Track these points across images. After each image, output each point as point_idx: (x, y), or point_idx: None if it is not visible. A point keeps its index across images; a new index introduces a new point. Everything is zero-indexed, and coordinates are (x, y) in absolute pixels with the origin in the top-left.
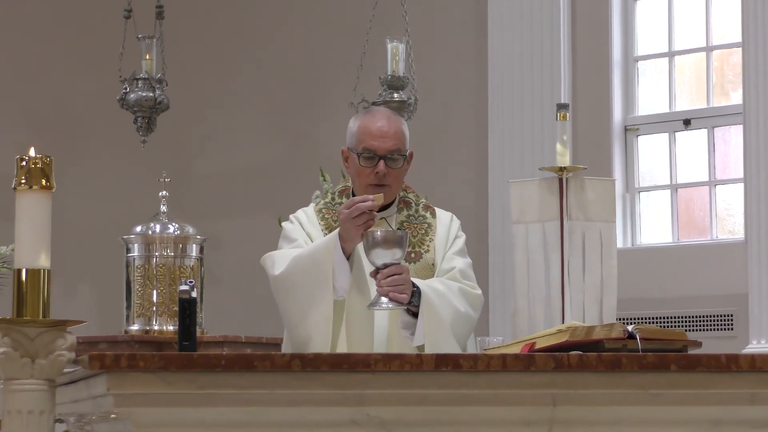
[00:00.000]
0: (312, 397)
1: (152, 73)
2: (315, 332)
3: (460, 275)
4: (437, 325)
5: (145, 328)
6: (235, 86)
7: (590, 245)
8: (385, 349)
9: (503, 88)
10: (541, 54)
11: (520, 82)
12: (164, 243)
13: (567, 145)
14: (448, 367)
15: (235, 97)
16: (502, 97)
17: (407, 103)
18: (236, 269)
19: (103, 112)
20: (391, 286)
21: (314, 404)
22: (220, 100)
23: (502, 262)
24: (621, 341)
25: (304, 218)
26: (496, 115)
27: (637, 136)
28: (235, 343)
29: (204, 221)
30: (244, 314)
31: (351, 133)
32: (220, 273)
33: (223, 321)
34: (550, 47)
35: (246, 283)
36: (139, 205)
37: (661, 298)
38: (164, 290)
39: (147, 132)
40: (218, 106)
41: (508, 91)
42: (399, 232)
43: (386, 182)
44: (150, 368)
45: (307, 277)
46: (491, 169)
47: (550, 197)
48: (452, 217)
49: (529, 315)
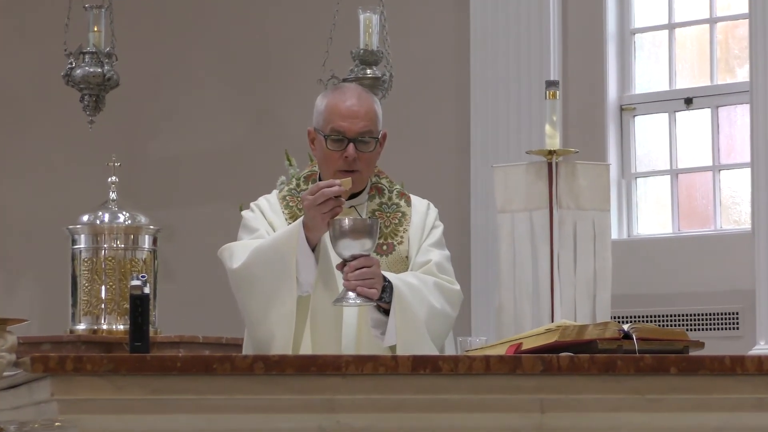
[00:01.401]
0: (277, 403)
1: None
2: (277, 331)
3: (436, 269)
4: (410, 324)
5: (93, 328)
6: (192, 61)
7: (582, 236)
8: (354, 350)
9: (486, 64)
10: (528, 26)
11: (506, 56)
12: (114, 234)
13: (557, 126)
14: (426, 370)
15: (191, 73)
16: (485, 73)
17: (381, 80)
18: (193, 262)
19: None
20: (359, 280)
21: (279, 411)
22: (176, 76)
23: (485, 255)
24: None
25: (266, 206)
26: (479, 94)
27: (634, 117)
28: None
29: (158, 210)
30: (202, 312)
31: (318, 113)
32: (176, 266)
33: (179, 320)
34: (539, 18)
35: (204, 278)
36: (86, 192)
37: (660, 294)
38: (114, 286)
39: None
40: (173, 82)
41: (491, 66)
42: (369, 220)
43: (356, 167)
44: (98, 371)
45: (269, 271)
46: (473, 152)
47: (538, 184)
48: (429, 205)
49: (514, 313)
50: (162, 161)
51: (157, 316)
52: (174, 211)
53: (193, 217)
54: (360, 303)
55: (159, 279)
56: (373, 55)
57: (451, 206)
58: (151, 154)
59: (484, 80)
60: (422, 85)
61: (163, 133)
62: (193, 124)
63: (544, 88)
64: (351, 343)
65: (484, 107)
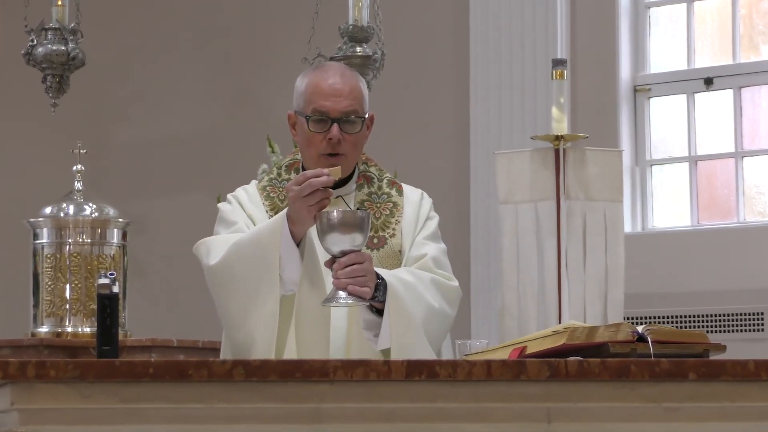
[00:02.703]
0: (259, 413)
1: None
2: (259, 334)
3: (432, 264)
4: (406, 325)
5: (57, 330)
6: (165, 37)
7: (592, 229)
8: (343, 354)
9: (488, 41)
10: None
11: (508, 32)
12: (79, 227)
13: (564, 109)
14: (421, 376)
15: (164, 51)
16: (486, 51)
17: (372, 59)
18: (166, 259)
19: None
20: (350, 278)
21: (261, 421)
22: (147, 54)
23: (486, 250)
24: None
25: (245, 198)
26: (480, 73)
27: (649, 99)
28: (165, 348)
29: (127, 201)
30: (176, 313)
31: (298, 93)
32: (147, 263)
33: (151, 321)
34: None
35: (178, 276)
36: (49, 181)
37: (678, 293)
38: (79, 284)
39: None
40: (144, 61)
41: (493, 44)
42: (360, 212)
43: (341, 150)
44: (63, 378)
45: (249, 268)
46: (473, 138)
47: (543, 172)
48: (423, 194)
49: (518, 313)
50: (132, 148)
51: (126, 318)
52: (145, 203)
53: (166, 209)
54: (351, 303)
55: (129, 277)
56: (364, 31)
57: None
58: (120, 140)
59: (485, 59)
60: (417, 64)
61: (133, 117)
62: (165, 107)
63: (551, 68)
64: (340, 346)
65: (484, 88)
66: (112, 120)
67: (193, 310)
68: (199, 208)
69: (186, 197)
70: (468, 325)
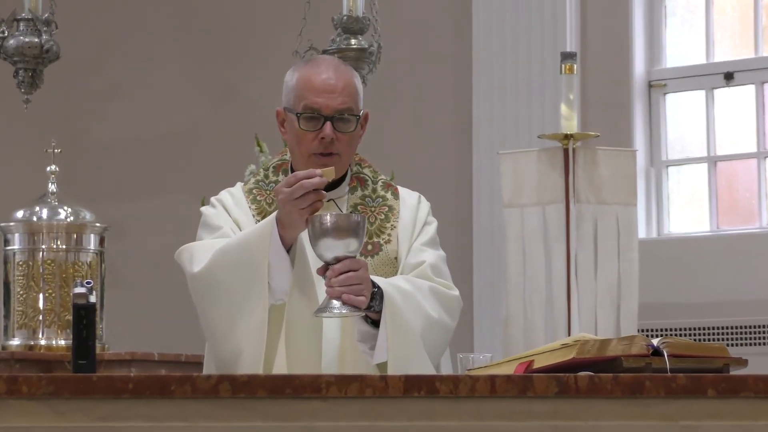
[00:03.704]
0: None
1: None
2: (246, 346)
3: (431, 271)
4: (404, 336)
5: (29, 343)
6: (144, 29)
7: (604, 235)
8: (336, 369)
9: (492, 32)
10: None
11: (514, 23)
12: (53, 233)
13: (574, 106)
14: (420, 392)
15: (143, 43)
16: (490, 43)
17: (368, 52)
18: (146, 266)
19: None
20: (344, 286)
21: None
22: (125, 47)
23: (489, 257)
24: (644, 359)
25: (230, 201)
26: (483, 68)
27: (665, 95)
28: (145, 362)
29: (105, 204)
30: (157, 325)
31: (288, 89)
32: (126, 271)
33: (130, 334)
34: None
35: (159, 285)
36: (21, 183)
37: (696, 303)
38: (53, 294)
39: (31, 88)
40: (122, 54)
41: (497, 35)
42: (355, 216)
43: (334, 150)
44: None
45: (236, 275)
46: (476, 137)
47: (551, 173)
48: (420, 198)
49: (524, 324)
50: (110, 147)
51: (104, 330)
52: (124, 206)
53: (147, 213)
54: (346, 313)
55: (107, 285)
56: (359, 22)
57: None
58: (97, 139)
59: (488, 51)
60: (416, 57)
61: (111, 114)
62: (145, 103)
63: (560, 61)
64: (333, 360)
65: (488, 83)
66: (88, 117)
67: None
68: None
69: (167, 200)
70: (470, 338)
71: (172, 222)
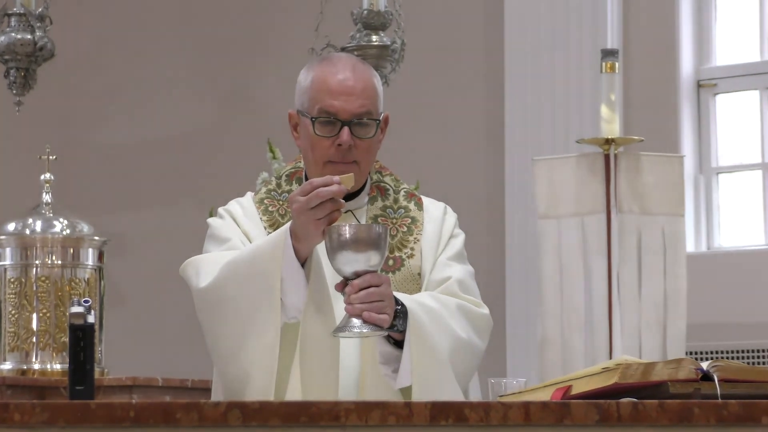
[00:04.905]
0: None
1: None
2: (255, 369)
3: (458, 288)
4: (430, 359)
5: (22, 367)
6: (147, 24)
7: (649, 248)
8: (356, 395)
9: (525, 27)
10: None
11: (550, 18)
12: (48, 247)
13: (616, 108)
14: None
15: (146, 40)
16: (524, 39)
17: (390, 50)
18: (149, 283)
19: None
20: (365, 303)
21: None
22: (126, 44)
23: (523, 273)
24: (692, 384)
25: (239, 212)
26: (516, 66)
27: (715, 95)
28: (148, 388)
29: (104, 215)
30: (161, 347)
31: (302, 90)
32: (127, 288)
33: (132, 357)
34: None
35: (163, 303)
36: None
37: (749, 323)
38: (48, 313)
39: (24, 89)
40: (123, 52)
41: (532, 30)
42: (376, 227)
43: (352, 158)
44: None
45: (245, 291)
46: (508, 141)
47: (591, 181)
48: (446, 209)
49: (562, 346)
50: (109, 153)
51: (103, 353)
52: (125, 218)
53: (149, 225)
54: (366, 333)
55: (106, 304)
56: (381, 16)
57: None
58: (96, 144)
59: (521, 49)
60: (443, 55)
61: (111, 118)
62: (148, 106)
63: (600, 59)
64: (352, 385)
65: (521, 83)
66: (86, 120)
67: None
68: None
69: (172, 211)
70: (502, 361)
71: (178, 235)
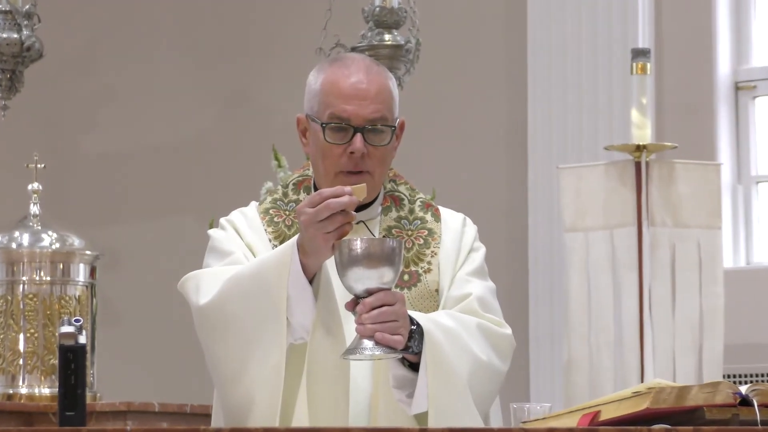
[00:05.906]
0: None
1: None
2: (259, 392)
3: (478, 305)
4: (448, 382)
5: (8, 392)
6: (143, 23)
7: (683, 264)
8: (367, 420)
9: (550, 26)
10: None
11: (576, 16)
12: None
13: (647, 112)
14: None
15: (142, 40)
16: (548, 39)
17: (405, 50)
18: (145, 301)
19: None
20: (378, 323)
21: None
22: (120, 44)
23: (548, 289)
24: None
25: (242, 223)
26: (540, 68)
27: (754, 99)
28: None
29: (96, 228)
30: (158, 369)
31: (311, 93)
32: (121, 306)
33: (126, 380)
34: None
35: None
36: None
37: None
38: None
39: (10, 92)
40: (118, 54)
41: (557, 30)
42: (390, 241)
43: (365, 167)
44: None
45: (249, 309)
46: (532, 148)
47: (621, 191)
48: (465, 220)
49: (589, 368)
50: (101, 161)
51: (96, 376)
52: (119, 231)
53: (145, 238)
54: (379, 354)
55: (99, 324)
56: (394, 14)
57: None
58: (87, 152)
59: (545, 50)
60: (461, 56)
61: (103, 123)
62: (143, 110)
63: (630, 60)
64: (363, 410)
65: (545, 86)
66: (76, 126)
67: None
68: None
69: (170, 223)
70: (525, 384)
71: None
